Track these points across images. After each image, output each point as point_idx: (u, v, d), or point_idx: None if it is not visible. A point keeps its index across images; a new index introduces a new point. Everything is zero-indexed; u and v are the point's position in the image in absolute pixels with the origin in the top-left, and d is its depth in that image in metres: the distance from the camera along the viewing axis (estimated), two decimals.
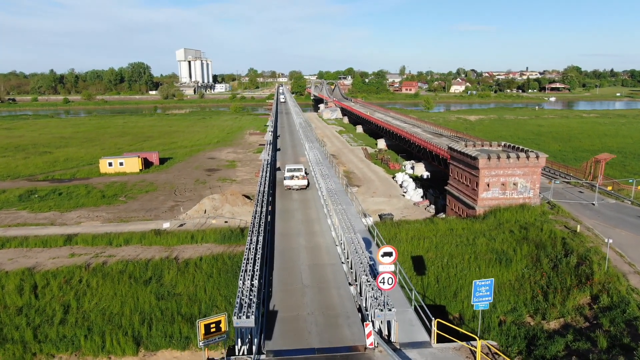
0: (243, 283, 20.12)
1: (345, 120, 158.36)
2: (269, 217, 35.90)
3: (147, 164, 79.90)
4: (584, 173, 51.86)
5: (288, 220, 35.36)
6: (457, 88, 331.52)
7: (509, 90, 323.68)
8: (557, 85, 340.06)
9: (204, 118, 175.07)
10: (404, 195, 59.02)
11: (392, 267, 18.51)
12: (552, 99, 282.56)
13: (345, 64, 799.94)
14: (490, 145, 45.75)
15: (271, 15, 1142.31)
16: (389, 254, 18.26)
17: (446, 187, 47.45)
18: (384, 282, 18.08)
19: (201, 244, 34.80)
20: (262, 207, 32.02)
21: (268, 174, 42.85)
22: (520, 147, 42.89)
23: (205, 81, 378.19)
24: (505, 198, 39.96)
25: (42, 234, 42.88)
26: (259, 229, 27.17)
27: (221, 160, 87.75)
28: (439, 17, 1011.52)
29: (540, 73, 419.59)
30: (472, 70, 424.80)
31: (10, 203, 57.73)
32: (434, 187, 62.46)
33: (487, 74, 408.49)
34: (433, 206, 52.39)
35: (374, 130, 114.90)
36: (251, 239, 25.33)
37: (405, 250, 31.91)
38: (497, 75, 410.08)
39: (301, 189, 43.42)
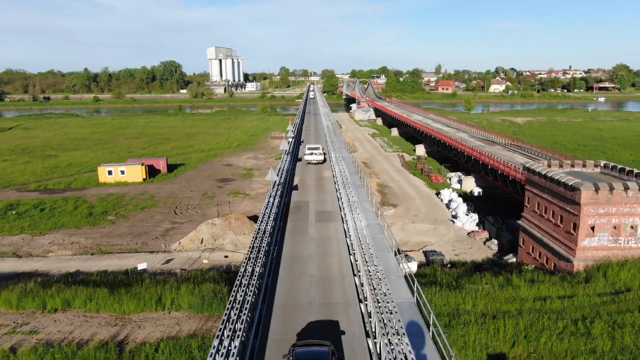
0: None
1: (379, 121, 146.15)
2: (271, 266, 24.96)
3: (153, 171, 70.45)
4: None
5: (297, 276, 24.20)
6: (496, 87, 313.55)
7: (552, 90, 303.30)
8: (606, 84, 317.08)
9: (229, 118, 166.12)
10: (453, 222, 46.87)
11: None
12: (602, 99, 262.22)
13: (378, 63, 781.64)
14: (584, 166, 32.92)
15: (305, 14, 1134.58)
16: None
17: (520, 222, 34.85)
18: None
19: (168, 313, 23.92)
20: (254, 263, 21.10)
21: (276, 201, 31.78)
22: (634, 170, 30.06)
23: (236, 80, 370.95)
24: (619, 248, 27.48)
25: None
26: (240, 312, 16.45)
27: (238, 167, 77.66)
28: (475, 16, 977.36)
29: (585, 72, 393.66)
30: (512, 68, 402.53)
31: None
32: (491, 210, 50.11)
33: (528, 73, 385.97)
34: (495, 241, 39.86)
35: (411, 134, 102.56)
36: (220, 343, 14.57)
37: (477, 342, 20.14)
38: (539, 74, 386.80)
39: (319, 163, 51.74)
